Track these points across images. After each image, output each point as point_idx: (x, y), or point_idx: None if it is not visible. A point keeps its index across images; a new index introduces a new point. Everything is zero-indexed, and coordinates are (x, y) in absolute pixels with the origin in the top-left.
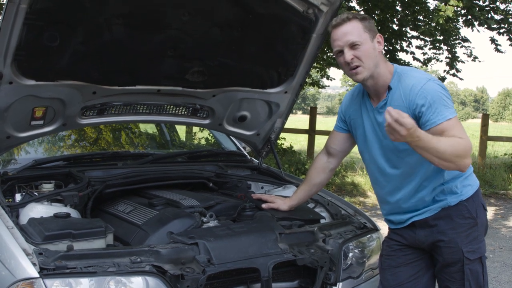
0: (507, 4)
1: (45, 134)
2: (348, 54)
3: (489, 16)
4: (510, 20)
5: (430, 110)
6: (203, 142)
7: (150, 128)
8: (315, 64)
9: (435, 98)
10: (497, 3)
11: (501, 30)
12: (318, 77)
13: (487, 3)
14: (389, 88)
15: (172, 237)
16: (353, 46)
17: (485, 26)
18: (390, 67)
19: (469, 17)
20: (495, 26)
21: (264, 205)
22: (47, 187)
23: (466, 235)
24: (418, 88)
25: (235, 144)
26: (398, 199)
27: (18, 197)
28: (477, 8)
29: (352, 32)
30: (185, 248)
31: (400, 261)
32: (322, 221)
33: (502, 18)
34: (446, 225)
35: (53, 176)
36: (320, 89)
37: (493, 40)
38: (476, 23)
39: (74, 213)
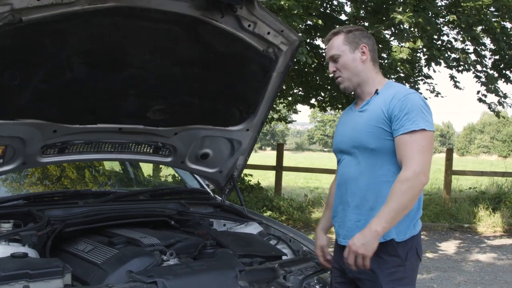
0: (465, 44)
1: (4, 173)
2: (330, 67)
3: (447, 55)
4: (472, 57)
5: (406, 116)
6: (169, 179)
7: (116, 165)
8: (282, 100)
9: (414, 107)
10: (454, 43)
11: (460, 68)
12: (286, 112)
13: (445, 43)
14: (376, 92)
15: (131, 276)
16: (333, 59)
17: (443, 65)
18: (382, 79)
19: (427, 56)
20: (454, 63)
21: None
22: (6, 226)
23: (389, 272)
24: (401, 96)
25: (199, 182)
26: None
27: None
28: (434, 49)
29: (332, 46)
30: (144, 287)
31: None
32: (284, 257)
33: (458, 57)
34: (371, 261)
35: (12, 215)
36: (289, 125)
37: (452, 77)
38: (433, 63)
39: (32, 253)
